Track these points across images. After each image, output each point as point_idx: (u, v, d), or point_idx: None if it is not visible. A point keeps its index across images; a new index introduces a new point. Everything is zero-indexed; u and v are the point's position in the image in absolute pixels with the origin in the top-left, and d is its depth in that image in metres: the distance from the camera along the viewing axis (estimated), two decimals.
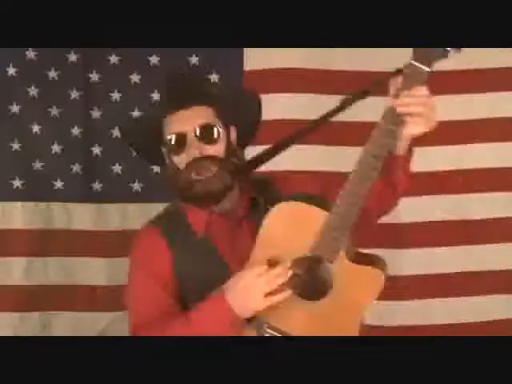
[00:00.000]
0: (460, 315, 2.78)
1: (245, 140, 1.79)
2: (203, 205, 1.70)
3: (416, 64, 1.67)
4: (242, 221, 1.72)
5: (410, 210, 2.78)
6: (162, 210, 1.81)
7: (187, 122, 1.67)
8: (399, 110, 1.61)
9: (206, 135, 1.67)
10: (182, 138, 1.67)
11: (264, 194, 1.73)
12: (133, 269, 1.75)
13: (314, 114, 2.78)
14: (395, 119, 1.61)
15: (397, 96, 1.62)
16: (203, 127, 1.67)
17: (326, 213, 1.57)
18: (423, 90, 1.66)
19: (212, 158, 1.66)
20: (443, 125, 2.81)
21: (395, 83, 1.67)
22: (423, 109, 1.65)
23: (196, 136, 1.66)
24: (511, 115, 2.79)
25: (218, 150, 1.68)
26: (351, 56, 2.73)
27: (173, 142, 1.68)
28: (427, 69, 1.67)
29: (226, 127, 1.73)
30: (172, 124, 1.69)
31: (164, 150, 1.74)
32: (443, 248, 2.80)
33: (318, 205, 1.59)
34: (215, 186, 1.65)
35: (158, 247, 1.71)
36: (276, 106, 2.72)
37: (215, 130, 1.69)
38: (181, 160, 1.68)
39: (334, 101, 2.76)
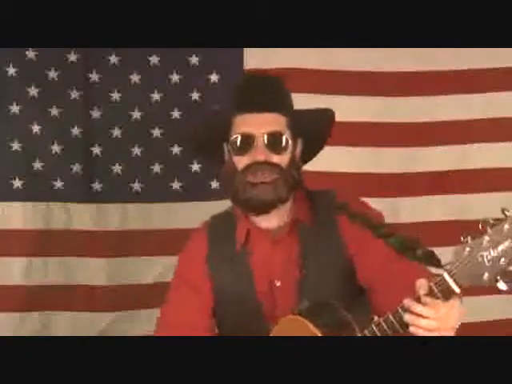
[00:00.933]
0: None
1: (308, 155, 1.76)
2: (251, 211, 1.66)
3: (449, 281, 1.42)
4: (282, 240, 1.69)
5: (410, 209, 2.79)
6: (224, 210, 1.77)
7: (258, 125, 1.64)
8: (410, 328, 1.40)
9: (273, 142, 1.63)
10: (249, 140, 1.63)
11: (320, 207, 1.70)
12: (175, 276, 1.77)
13: None
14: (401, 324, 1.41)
15: (418, 300, 1.39)
16: (273, 134, 1.64)
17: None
18: (443, 309, 1.40)
19: (274, 166, 1.63)
20: (443, 125, 2.85)
21: (423, 286, 1.40)
22: (435, 326, 1.41)
23: (264, 141, 1.63)
24: (511, 115, 2.79)
25: (282, 159, 1.64)
26: (351, 56, 2.73)
27: (239, 142, 1.64)
28: (458, 290, 1.43)
29: (294, 139, 1.69)
30: (242, 124, 1.65)
31: (226, 148, 1.70)
32: (443, 248, 2.80)
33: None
34: (270, 193, 1.62)
35: (197, 258, 1.72)
36: None
37: (284, 139, 1.65)
38: (242, 161, 1.64)
39: (333, 101, 2.79)
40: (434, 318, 1.38)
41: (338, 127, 2.76)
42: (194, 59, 2.77)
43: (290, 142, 1.66)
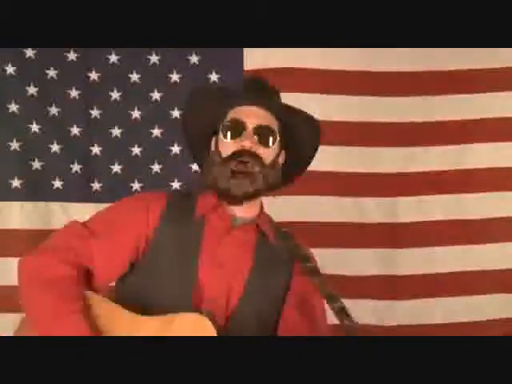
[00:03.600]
0: (459, 315, 2.79)
1: (287, 174, 1.76)
2: (226, 200, 1.67)
3: None
4: (240, 232, 1.69)
5: (410, 209, 2.79)
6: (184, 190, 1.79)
7: (252, 116, 1.66)
8: None
9: (262, 134, 1.66)
10: (240, 126, 1.65)
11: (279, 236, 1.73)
12: (116, 205, 1.74)
13: (313, 114, 2.78)
14: None
15: None
16: (265, 127, 1.66)
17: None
18: None
19: (258, 158, 1.64)
20: (443, 125, 2.85)
21: None
22: None
23: (255, 130, 1.65)
24: (511, 115, 2.80)
25: (267, 154, 1.66)
26: (351, 56, 2.73)
27: (230, 126, 1.66)
28: None
29: (280, 146, 1.71)
30: (237, 112, 1.67)
31: (213, 141, 1.71)
32: (442, 248, 2.81)
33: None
34: (247, 186, 1.64)
35: (156, 197, 1.69)
36: None
37: (273, 136, 1.67)
38: (229, 146, 1.65)
39: (333, 100, 2.79)
40: None
41: (337, 127, 2.79)
42: (194, 59, 2.77)
43: (277, 140, 1.68)
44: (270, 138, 1.66)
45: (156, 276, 1.64)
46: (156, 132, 2.77)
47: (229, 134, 1.66)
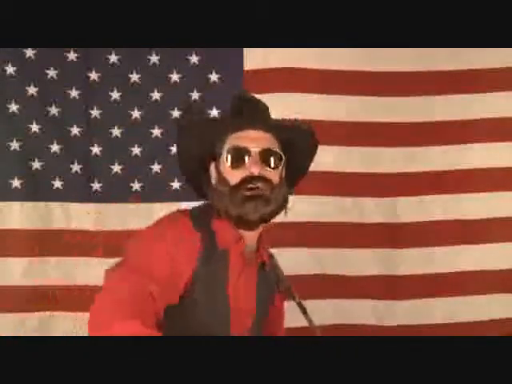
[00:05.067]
0: (459, 315, 2.79)
1: (288, 184, 1.76)
2: (241, 226, 1.67)
3: None
4: (249, 263, 1.71)
5: (410, 209, 2.79)
6: (196, 206, 1.74)
7: (253, 141, 1.66)
8: None
9: (268, 158, 1.66)
10: (245, 153, 1.65)
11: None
12: (153, 240, 1.63)
13: (314, 114, 2.79)
14: None
15: None
16: (268, 150, 1.66)
17: None
18: None
19: (268, 181, 1.64)
20: (443, 125, 2.85)
21: None
22: None
23: (260, 155, 1.65)
24: (511, 115, 2.80)
25: (274, 176, 1.66)
26: (351, 56, 2.73)
27: (234, 155, 1.65)
28: None
29: (283, 164, 1.71)
30: (237, 140, 1.67)
31: (214, 167, 1.70)
32: (442, 248, 2.81)
33: None
34: (262, 209, 1.64)
35: (191, 237, 1.63)
36: (276, 106, 2.71)
37: (278, 158, 1.67)
38: (235, 175, 1.65)
39: (333, 100, 2.79)
40: None
41: (338, 127, 2.79)
42: (194, 58, 2.77)
43: (282, 160, 1.68)
44: (276, 160, 1.67)
45: (196, 312, 1.65)
46: (156, 132, 2.77)
47: (234, 161, 1.65)
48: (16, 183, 2.73)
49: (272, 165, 1.66)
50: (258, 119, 1.68)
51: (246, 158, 1.65)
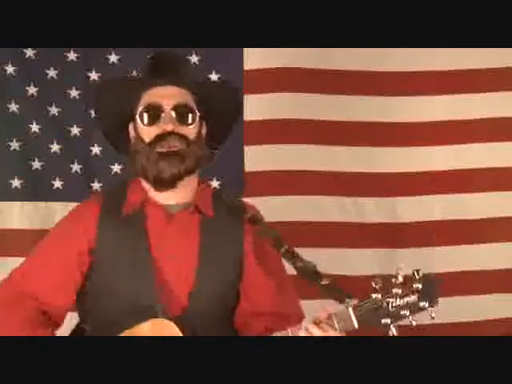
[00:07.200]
0: (459, 315, 2.78)
1: (216, 138, 1.77)
2: (160, 185, 1.67)
3: (352, 316, 1.54)
4: (180, 218, 1.69)
5: (410, 209, 2.79)
6: (116, 184, 1.78)
7: (166, 97, 1.66)
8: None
9: (181, 114, 1.66)
10: (157, 110, 1.66)
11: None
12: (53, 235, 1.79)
13: (314, 114, 2.79)
14: None
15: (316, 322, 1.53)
16: (182, 106, 1.67)
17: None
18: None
19: (182, 137, 1.65)
20: (443, 125, 2.85)
21: (323, 314, 1.55)
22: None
23: (172, 112, 1.65)
24: (510, 115, 2.80)
25: (189, 132, 1.67)
26: (351, 56, 2.73)
27: (147, 112, 1.66)
28: (356, 326, 1.53)
29: (201, 117, 1.71)
30: (150, 96, 1.68)
31: (132, 127, 1.71)
32: (442, 247, 2.81)
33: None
34: (178, 165, 1.64)
35: (86, 213, 1.71)
36: (276, 106, 2.72)
37: (192, 113, 1.68)
38: (150, 132, 1.66)
39: (333, 100, 2.79)
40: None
41: (337, 127, 2.79)
42: (194, 59, 2.76)
43: (197, 118, 1.68)
44: (190, 116, 1.67)
45: (114, 283, 1.65)
46: None
47: (147, 119, 1.66)
48: (16, 183, 2.73)
49: (187, 121, 1.66)
50: (170, 75, 1.67)
51: (160, 115, 1.65)
